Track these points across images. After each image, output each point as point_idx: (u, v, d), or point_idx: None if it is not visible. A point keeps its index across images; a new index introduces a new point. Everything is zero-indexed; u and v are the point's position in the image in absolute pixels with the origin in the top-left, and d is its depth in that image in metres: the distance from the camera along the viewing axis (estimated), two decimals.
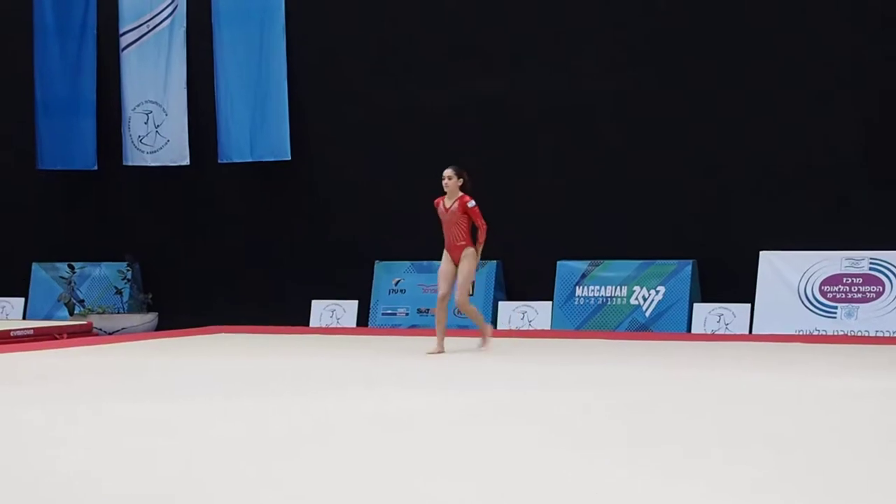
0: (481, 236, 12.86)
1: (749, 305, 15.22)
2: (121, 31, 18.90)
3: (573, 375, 10.71)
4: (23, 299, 19.58)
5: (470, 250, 12.86)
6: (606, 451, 6.50)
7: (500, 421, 7.81)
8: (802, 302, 15.00)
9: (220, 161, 18.22)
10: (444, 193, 12.98)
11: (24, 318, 19.24)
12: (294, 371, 11.46)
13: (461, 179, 12.88)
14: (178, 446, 6.86)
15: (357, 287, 17.35)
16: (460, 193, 12.84)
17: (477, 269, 13.31)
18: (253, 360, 12.62)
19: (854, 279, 14.83)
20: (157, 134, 18.60)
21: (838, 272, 14.91)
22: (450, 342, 13.22)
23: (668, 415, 8.07)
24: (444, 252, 13.01)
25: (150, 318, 18.04)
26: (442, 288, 12.98)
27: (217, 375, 11.11)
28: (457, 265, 12.89)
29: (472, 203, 12.76)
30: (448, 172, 12.92)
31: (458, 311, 13.57)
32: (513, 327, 16.13)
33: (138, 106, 18.78)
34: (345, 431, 7.39)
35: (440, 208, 13.02)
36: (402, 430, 7.41)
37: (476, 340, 13.50)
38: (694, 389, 9.55)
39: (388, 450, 6.68)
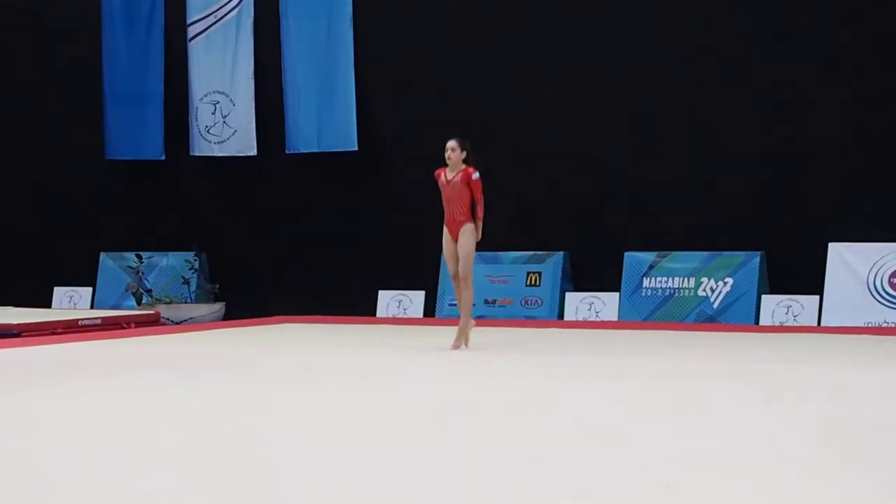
0: (479, 212, 12.35)
1: (818, 297, 15.10)
2: (188, 22, 18.97)
3: (646, 367, 10.67)
4: (91, 289, 19.72)
5: (469, 225, 12.32)
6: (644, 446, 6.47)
7: (551, 413, 7.79)
8: (871, 294, 14.86)
9: (287, 151, 18.27)
10: (446, 165, 12.43)
11: (91, 307, 19.39)
12: (357, 363, 11.48)
13: (465, 152, 12.33)
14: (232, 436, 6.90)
15: (424, 277, 17.35)
16: (463, 166, 12.33)
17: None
18: (318, 351, 12.66)
19: None
20: (225, 124, 18.67)
21: None
22: (503, 333, 13.10)
23: (731, 407, 8.03)
24: (444, 230, 12.50)
25: (217, 307, 18.12)
26: (451, 268, 12.52)
27: (281, 365, 11.15)
28: (456, 241, 12.40)
29: (476, 175, 12.26)
30: (451, 144, 12.34)
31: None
32: (580, 318, 16.09)
33: (206, 96, 18.86)
34: (401, 422, 7.40)
35: (441, 180, 12.48)
36: (458, 420, 7.42)
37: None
38: (760, 382, 9.49)
39: (442, 441, 6.68)
